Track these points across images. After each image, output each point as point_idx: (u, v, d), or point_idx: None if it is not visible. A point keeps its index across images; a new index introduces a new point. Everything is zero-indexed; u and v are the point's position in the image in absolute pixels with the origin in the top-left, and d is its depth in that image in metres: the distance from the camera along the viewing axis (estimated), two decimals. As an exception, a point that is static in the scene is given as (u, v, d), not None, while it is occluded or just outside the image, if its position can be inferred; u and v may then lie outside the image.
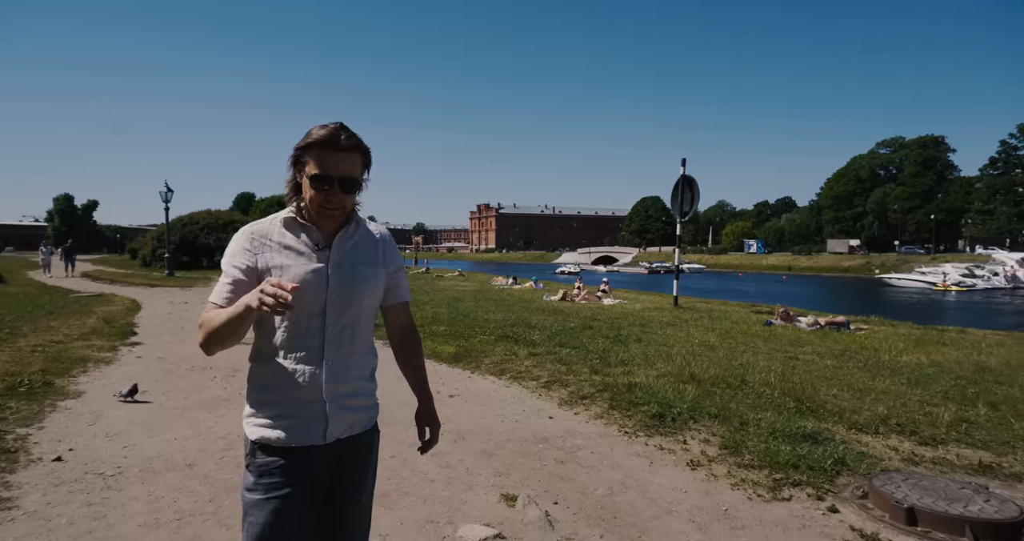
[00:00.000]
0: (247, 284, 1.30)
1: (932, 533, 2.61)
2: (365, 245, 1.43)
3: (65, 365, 6.03)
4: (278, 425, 1.32)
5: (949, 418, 4.13)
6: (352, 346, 1.38)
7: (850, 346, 7.26)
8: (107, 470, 3.35)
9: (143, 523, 2.72)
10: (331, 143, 1.29)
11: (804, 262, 70.63)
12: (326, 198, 1.30)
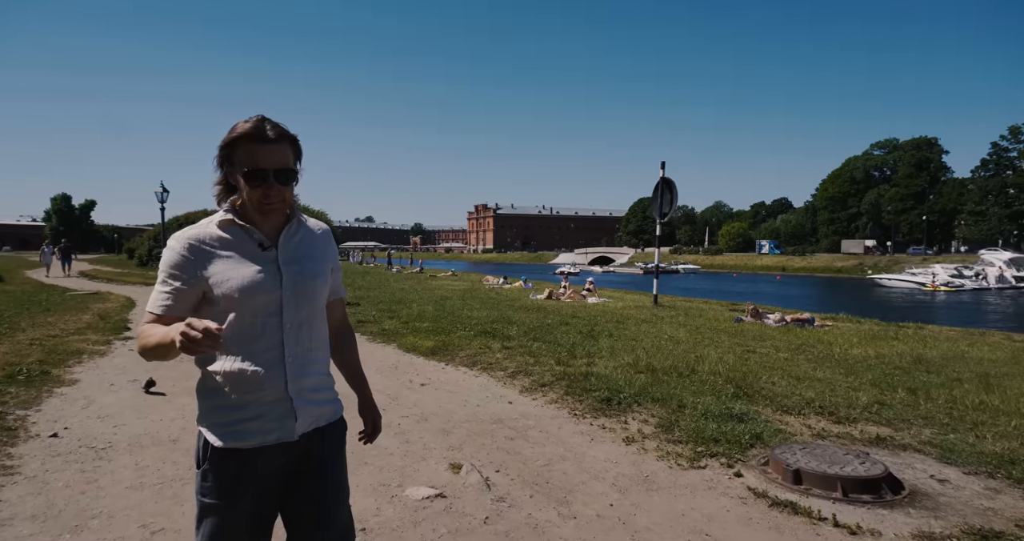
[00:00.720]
0: (186, 293, 1.29)
1: (812, 489, 3.01)
2: (309, 241, 1.41)
3: (61, 356, 6.40)
4: (245, 427, 1.29)
5: (866, 401, 4.54)
6: (311, 342, 1.37)
7: (808, 341, 7.66)
8: (99, 444, 3.73)
9: (130, 486, 3.11)
10: (258, 135, 1.25)
11: (798, 262, 71.14)
12: (264, 193, 1.27)
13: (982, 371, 5.64)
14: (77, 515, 2.75)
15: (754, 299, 19.73)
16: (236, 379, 1.28)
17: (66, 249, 20.06)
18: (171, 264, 1.29)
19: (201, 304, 1.32)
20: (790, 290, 41.52)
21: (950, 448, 3.55)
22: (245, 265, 1.29)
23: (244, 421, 1.29)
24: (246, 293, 1.27)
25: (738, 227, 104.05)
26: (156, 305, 1.29)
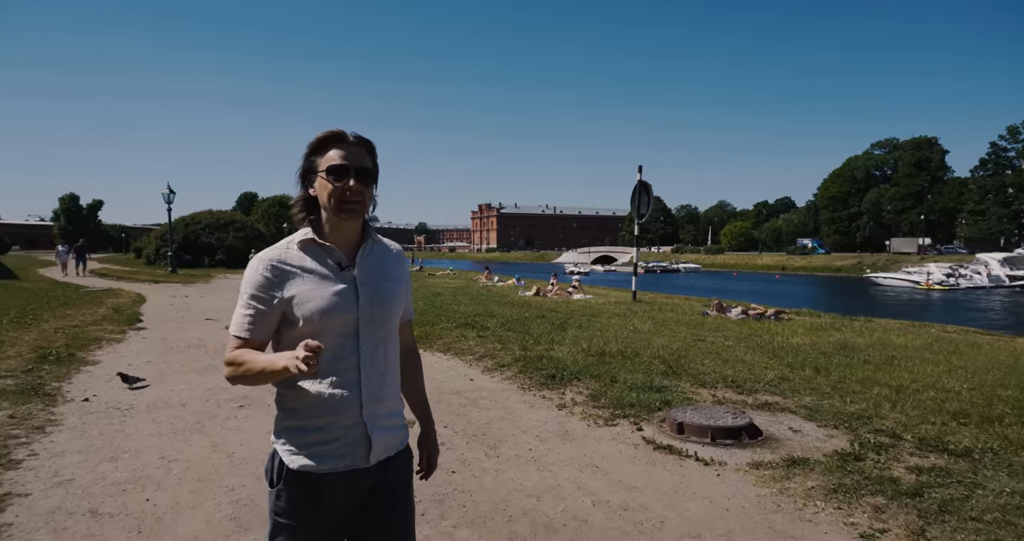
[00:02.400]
0: (269, 314, 1.29)
1: (690, 437, 3.79)
2: (385, 261, 1.40)
3: (83, 342, 7.23)
4: (319, 451, 1.28)
5: (772, 377, 5.31)
6: (385, 365, 1.36)
7: (757, 331, 8.41)
8: (123, 406, 4.55)
9: (150, 434, 3.91)
10: (340, 137, 1.30)
11: (798, 262, 71.58)
12: (343, 190, 1.27)
13: (891, 355, 6.38)
14: (111, 451, 3.56)
15: (748, 298, 20.45)
16: (313, 401, 1.28)
17: (81, 249, 20.98)
18: (253, 285, 1.29)
19: (280, 325, 1.31)
20: (785, 288, 42.11)
21: (817, 410, 4.32)
22: (324, 285, 1.29)
23: (318, 445, 1.28)
24: (325, 313, 1.26)
25: (740, 226, 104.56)
26: (242, 329, 1.29)
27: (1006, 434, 3.67)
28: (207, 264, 30.20)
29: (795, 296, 33.28)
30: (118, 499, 2.89)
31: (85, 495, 2.93)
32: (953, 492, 2.88)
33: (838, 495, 2.92)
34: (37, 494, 2.90)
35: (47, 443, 3.66)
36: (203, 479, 3.18)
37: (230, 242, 31.83)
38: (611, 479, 3.25)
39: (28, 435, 3.77)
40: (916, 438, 3.67)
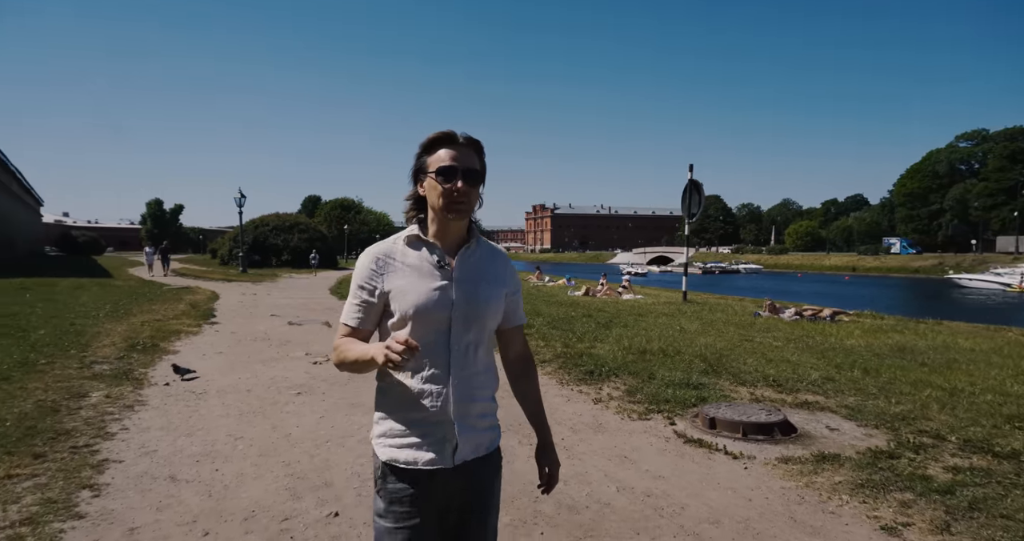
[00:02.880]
0: (374, 305, 1.33)
1: (721, 432, 3.83)
2: (486, 263, 1.40)
3: (165, 334, 7.97)
4: (408, 445, 1.31)
5: (816, 377, 5.20)
6: (476, 366, 1.36)
7: (809, 333, 8.16)
8: (197, 391, 5.05)
9: (219, 414, 4.35)
10: (450, 138, 1.32)
11: (870, 262, 67.45)
12: (452, 191, 1.29)
13: (952, 358, 6.07)
14: (187, 428, 4.00)
15: (810, 299, 19.64)
16: (405, 397, 1.30)
17: (164, 250, 22.84)
18: (361, 277, 1.34)
19: (382, 317, 1.36)
20: (853, 290, 39.88)
21: (859, 409, 4.23)
22: (423, 281, 1.31)
23: (408, 440, 1.30)
24: (420, 309, 1.29)
25: (806, 225, 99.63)
26: (350, 317, 1.35)
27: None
28: (274, 264, 32.02)
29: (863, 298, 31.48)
30: (192, 468, 3.28)
31: (166, 464, 3.34)
32: (988, 491, 2.81)
33: (865, 490, 2.91)
34: (128, 461, 3.34)
35: (135, 420, 4.15)
36: (264, 454, 3.54)
37: (295, 243, 33.60)
38: (638, 468, 3.36)
39: (120, 412, 4.28)
40: (961, 439, 3.56)
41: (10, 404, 4.21)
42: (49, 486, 2.89)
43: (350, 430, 4.00)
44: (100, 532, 2.48)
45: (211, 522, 2.62)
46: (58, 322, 8.37)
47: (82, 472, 3.09)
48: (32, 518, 2.54)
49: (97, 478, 3.04)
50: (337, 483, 3.09)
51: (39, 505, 2.67)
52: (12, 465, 3.10)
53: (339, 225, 60.58)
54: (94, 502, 2.76)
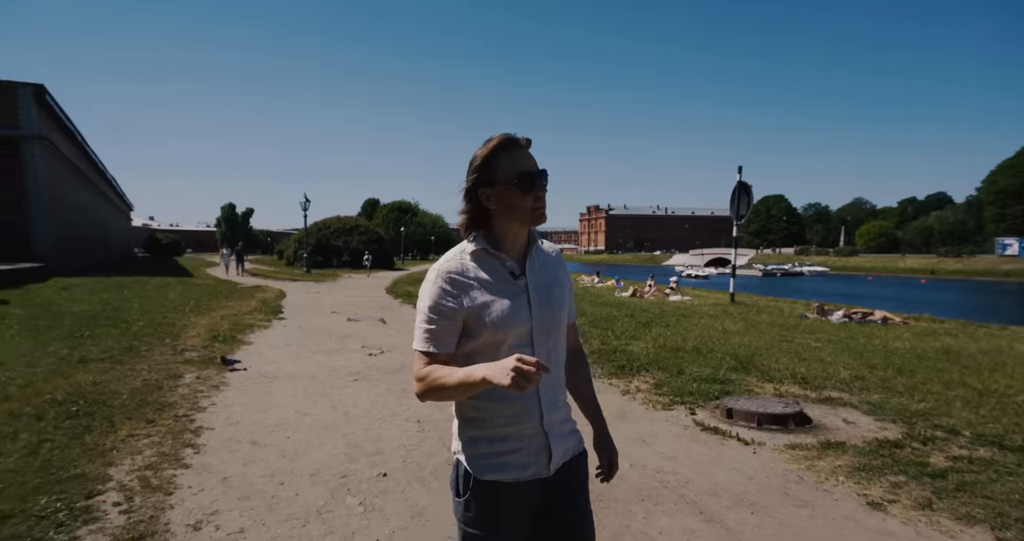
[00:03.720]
0: (452, 327, 1.27)
1: (738, 422, 4.08)
2: (549, 266, 1.39)
3: (241, 327, 8.88)
4: (504, 461, 1.29)
5: (846, 376, 5.30)
6: (557, 372, 1.36)
7: (854, 335, 8.08)
8: (269, 375, 5.75)
9: (289, 395, 5.00)
10: (514, 143, 1.27)
11: (952, 265, 62.99)
12: (537, 197, 1.27)
13: (1001, 361, 5.95)
14: (263, 405, 4.66)
15: (878, 304, 18.81)
16: (496, 412, 1.28)
17: (240, 252, 24.71)
18: (433, 300, 1.28)
19: (460, 337, 1.31)
20: (929, 294, 37.47)
21: (881, 406, 4.36)
22: (501, 295, 1.28)
23: (503, 454, 1.29)
24: (505, 323, 1.26)
25: (880, 226, 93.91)
26: (427, 344, 1.28)
27: (1081, 436, 3.55)
28: (335, 265, 33.71)
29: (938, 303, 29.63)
30: (269, 436, 3.89)
31: (247, 432, 3.97)
32: (981, 477, 2.98)
33: (861, 473, 3.13)
34: (218, 429, 4.00)
35: (220, 397, 4.86)
36: (326, 427, 4.11)
37: (354, 245, 35.24)
38: (654, 450, 3.69)
39: (208, 391, 5.01)
40: (975, 434, 3.67)
41: (124, 381, 5.02)
42: (161, 444, 3.56)
43: (398, 411, 4.53)
44: (202, 479, 3.09)
45: (285, 475, 3.19)
46: (152, 316, 9.47)
47: (184, 435, 3.76)
48: (153, 465, 3.19)
49: (196, 440, 3.70)
50: (386, 451, 3.61)
51: (156, 457, 3.33)
52: (133, 427, 3.81)
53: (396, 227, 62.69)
54: (195, 457, 3.40)
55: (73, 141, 23.82)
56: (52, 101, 19.41)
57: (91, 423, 3.83)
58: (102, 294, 12.59)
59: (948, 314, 13.56)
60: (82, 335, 7.17)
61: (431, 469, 3.32)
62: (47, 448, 3.33)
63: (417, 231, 67.93)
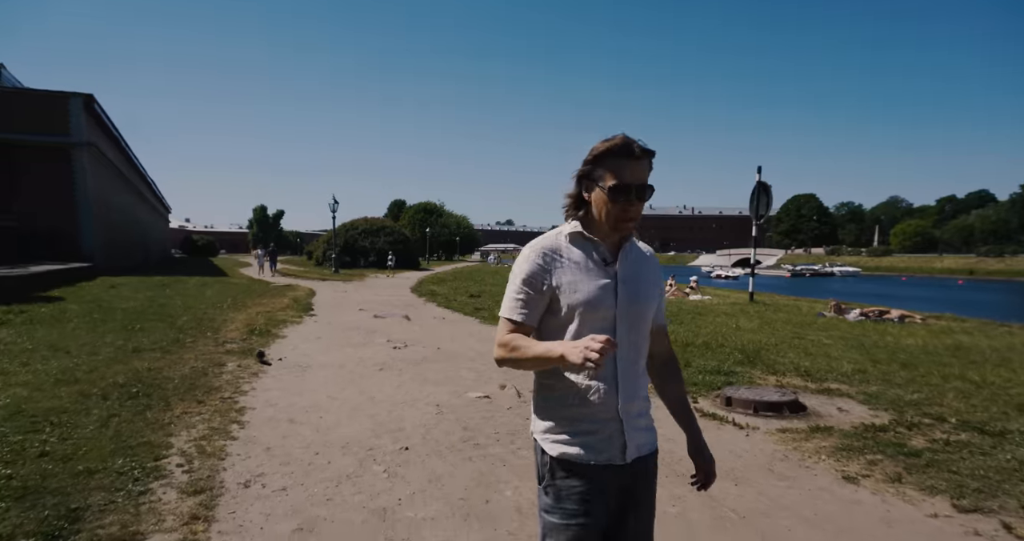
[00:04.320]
0: (538, 301, 1.31)
1: (736, 409, 4.35)
2: (642, 262, 1.41)
3: (276, 322, 9.44)
4: (579, 442, 1.30)
5: (848, 369, 5.49)
6: (638, 365, 1.36)
7: (867, 332, 8.19)
8: (303, 364, 6.22)
9: (320, 382, 5.45)
10: (627, 151, 1.27)
11: (993, 265, 60.95)
12: (624, 209, 1.29)
13: (1008, 357, 6.05)
14: (298, 390, 5.11)
15: (909, 305, 18.55)
16: (570, 391, 1.30)
17: (272, 252, 25.65)
18: (526, 272, 1.32)
19: (544, 313, 1.34)
20: (965, 295, 36.45)
21: (877, 396, 4.57)
22: (590, 278, 1.30)
23: (579, 435, 1.30)
24: (590, 306, 1.28)
25: (916, 225, 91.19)
26: (515, 312, 1.32)
27: (1062, 423, 3.72)
28: (362, 265, 34.55)
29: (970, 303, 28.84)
30: (304, 416, 4.32)
31: (285, 412, 4.41)
32: (952, 456, 3.21)
33: (843, 452, 3.39)
34: (259, 409, 4.45)
35: (259, 383, 5.33)
36: (354, 409, 4.53)
37: (381, 246, 36.05)
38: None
39: (249, 378, 5.49)
40: (960, 421, 3.87)
41: (174, 368, 5.54)
42: (211, 420, 4.02)
43: (420, 397, 4.92)
44: (248, 448, 3.53)
45: (319, 447, 3.61)
46: (194, 311, 10.12)
47: (230, 413, 4.22)
48: (206, 437, 3.65)
49: (240, 418, 4.15)
50: (408, 429, 4.00)
51: (208, 430, 3.78)
52: (186, 406, 4.29)
53: (422, 228, 63.60)
54: (241, 432, 3.84)
55: (117, 146, 25.10)
56: (100, 109, 20.54)
57: (150, 402, 4.33)
58: (147, 292, 13.39)
59: (978, 314, 13.35)
60: (133, 328, 7.78)
61: (448, 445, 3.69)
62: (116, 422, 3.82)
63: (442, 232, 68.78)
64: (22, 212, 18.22)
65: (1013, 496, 2.75)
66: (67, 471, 2.95)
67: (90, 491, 2.74)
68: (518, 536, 2.52)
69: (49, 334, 7.05)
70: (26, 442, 3.33)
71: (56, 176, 18.91)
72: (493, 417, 4.33)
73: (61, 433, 3.52)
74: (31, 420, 3.74)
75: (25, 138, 18.38)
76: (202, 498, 2.76)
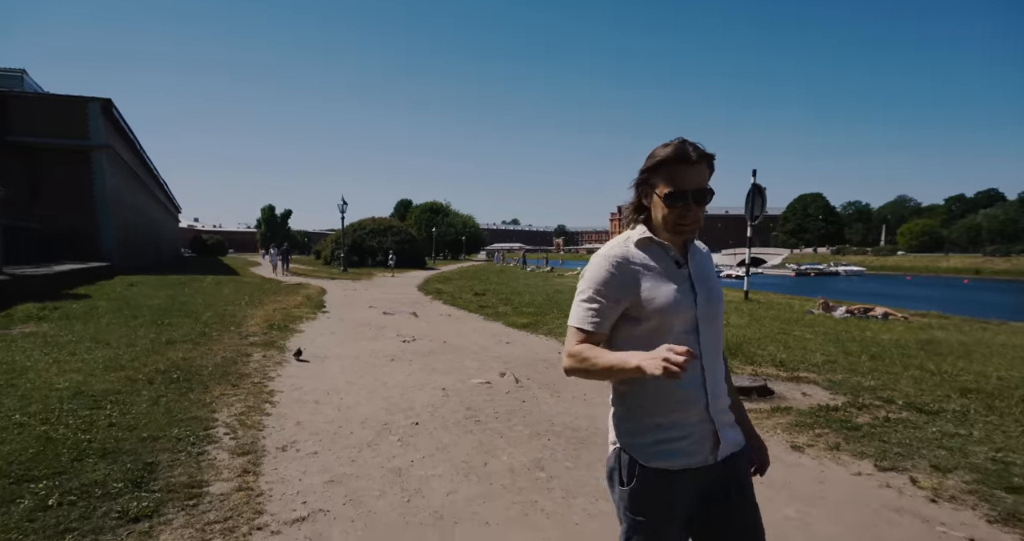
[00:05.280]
0: (612, 309, 1.30)
1: (708, 394, 4.87)
2: (706, 262, 1.42)
3: (292, 318, 10.02)
4: (673, 448, 1.30)
5: (820, 360, 5.99)
6: (719, 363, 1.37)
7: (849, 328, 8.66)
8: (319, 356, 6.78)
9: (338, 371, 6.01)
10: (682, 157, 1.28)
11: (999, 264, 60.93)
12: (681, 214, 1.29)
13: (972, 350, 6.52)
14: (319, 378, 5.67)
15: (910, 304, 18.94)
16: (664, 399, 1.30)
17: (285, 252, 26.25)
18: (599, 281, 1.31)
19: (619, 321, 1.34)
20: (967, 295, 36.65)
21: (840, 383, 5.07)
22: (667, 282, 1.30)
23: (670, 442, 1.30)
24: (672, 310, 1.28)
25: (923, 225, 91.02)
26: (586, 322, 1.31)
27: (994, 404, 4.22)
28: (369, 264, 35.23)
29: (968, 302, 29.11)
30: (326, 397, 4.88)
31: (309, 394, 4.96)
32: (887, 430, 3.72)
33: (796, 428, 3.90)
34: (286, 392, 5.01)
35: (283, 371, 5.89)
36: (370, 392, 5.08)
37: (387, 245, 36.72)
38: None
39: (273, 367, 6.05)
40: (906, 402, 4.37)
41: (207, 358, 6.12)
42: (247, 400, 4.58)
43: (428, 382, 5.47)
44: (281, 422, 4.09)
45: (342, 422, 4.16)
46: (215, 308, 10.73)
47: (261, 395, 4.79)
48: (244, 413, 4.21)
49: (271, 398, 4.71)
50: (417, 408, 4.55)
51: (245, 408, 4.35)
52: (223, 389, 4.86)
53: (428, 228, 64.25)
54: (273, 410, 4.41)
55: (132, 148, 25.84)
56: (117, 113, 21.25)
57: (191, 386, 4.90)
58: (166, 290, 14.03)
59: (977, 313, 13.71)
60: (162, 323, 8.38)
61: (453, 421, 4.24)
62: (164, 401, 4.39)
63: (448, 231, 69.43)
64: (44, 214, 18.94)
65: (926, 459, 3.26)
66: (134, 437, 3.52)
67: (157, 452, 3.31)
68: (510, 489, 3.06)
69: (87, 328, 7.65)
70: (93, 416, 3.90)
71: (76, 178, 19.64)
72: (493, 399, 4.88)
73: (121, 409, 4.09)
74: (92, 399, 4.32)
75: (47, 142, 19.10)
76: (249, 458, 3.32)
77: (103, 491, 2.78)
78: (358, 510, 2.77)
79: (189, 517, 2.59)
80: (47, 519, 2.50)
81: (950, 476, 3.04)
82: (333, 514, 2.71)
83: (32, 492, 2.73)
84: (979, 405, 4.23)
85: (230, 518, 2.60)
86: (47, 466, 3.02)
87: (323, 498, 2.88)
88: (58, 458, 3.13)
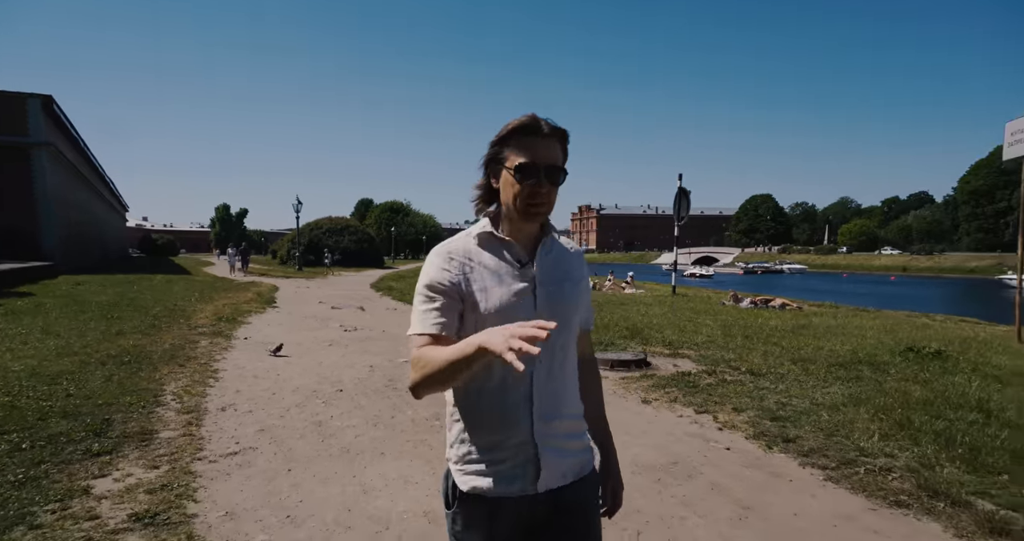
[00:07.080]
0: (453, 307, 1.15)
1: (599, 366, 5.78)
2: (565, 261, 1.27)
3: (241, 312, 10.51)
4: (486, 472, 1.17)
5: (701, 340, 7.03)
6: (563, 379, 1.20)
7: (744, 316, 9.86)
8: (267, 343, 7.40)
9: (284, 357, 6.66)
10: (532, 128, 1.15)
11: (923, 262, 65.54)
12: (531, 193, 1.14)
13: (831, 331, 7.71)
14: (261, 359, 6.31)
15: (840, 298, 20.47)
16: (483, 417, 1.17)
17: (244, 251, 26.00)
18: (433, 279, 1.17)
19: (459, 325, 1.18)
20: (891, 290, 39.56)
21: (707, 357, 6.09)
22: (503, 282, 1.17)
23: (489, 465, 1.17)
24: (503, 312, 1.13)
25: (861, 225, 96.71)
26: (428, 325, 1.14)
27: (809, 368, 5.30)
28: (327, 263, 35.30)
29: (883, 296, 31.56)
30: (265, 373, 5.54)
31: (251, 371, 5.61)
32: (719, 388, 4.71)
33: (655, 388, 4.84)
34: (229, 370, 5.64)
35: (229, 354, 6.49)
36: (304, 370, 5.77)
37: (344, 244, 36.85)
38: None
39: (219, 352, 6.65)
40: (747, 370, 5.39)
41: (156, 345, 6.66)
42: (192, 376, 5.22)
43: (358, 362, 6.20)
44: (222, 391, 4.76)
45: (276, 390, 4.87)
46: (164, 304, 11.09)
47: (206, 372, 5.42)
48: (190, 385, 4.86)
49: (215, 375, 5.36)
50: (344, 380, 5.29)
51: (191, 383, 4.99)
52: (170, 369, 5.47)
53: (388, 227, 64.21)
54: (216, 383, 5.06)
55: (75, 145, 25.28)
56: (59, 110, 20.89)
57: (140, 367, 5.48)
58: (115, 288, 14.17)
59: (889, 306, 15.28)
60: (112, 317, 8.78)
61: (373, 389, 4.99)
62: (116, 378, 4.98)
63: (408, 231, 69.53)
64: (-19, 211, 18.52)
65: (732, 404, 4.25)
66: (91, 404, 4.14)
67: (113, 412, 3.96)
68: (408, 433, 3.85)
69: (35, 322, 8.01)
70: (52, 390, 4.49)
71: (15, 176, 19.26)
72: (414, 374, 5.66)
73: (76, 385, 4.68)
74: (49, 377, 4.88)
75: (-16, 138, 18.68)
76: (192, 415, 4.01)
77: (68, 438, 3.43)
78: (281, 447, 3.51)
79: (142, 452, 3.28)
80: (23, 456, 3.15)
81: (742, 414, 4.02)
82: (260, 450, 3.45)
83: (7, 440, 3.35)
84: (799, 369, 5.29)
85: (175, 453, 3.30)
86: (15, 424, 3.63)
87: (253, 440, 3.60)
88: (24, 418, 3.74)
